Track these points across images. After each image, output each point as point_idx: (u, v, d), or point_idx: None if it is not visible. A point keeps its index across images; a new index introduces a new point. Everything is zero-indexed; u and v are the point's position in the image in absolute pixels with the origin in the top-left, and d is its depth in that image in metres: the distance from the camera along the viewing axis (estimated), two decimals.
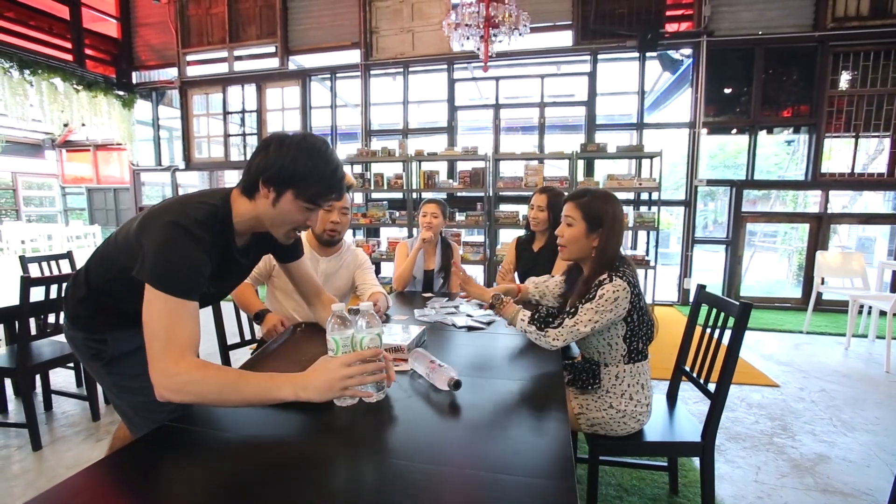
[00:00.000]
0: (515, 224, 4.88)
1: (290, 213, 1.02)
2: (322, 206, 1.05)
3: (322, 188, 1.01)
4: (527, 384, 1.21)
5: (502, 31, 3.84)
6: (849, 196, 5.50)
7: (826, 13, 4.39)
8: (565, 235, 1.44)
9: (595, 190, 1.45)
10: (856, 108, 4.48)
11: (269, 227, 1.05)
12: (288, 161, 0.97)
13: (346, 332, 1.05)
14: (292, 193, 0.99)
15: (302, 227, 1.08)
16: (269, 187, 0.99)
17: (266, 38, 5.82)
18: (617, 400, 1.40)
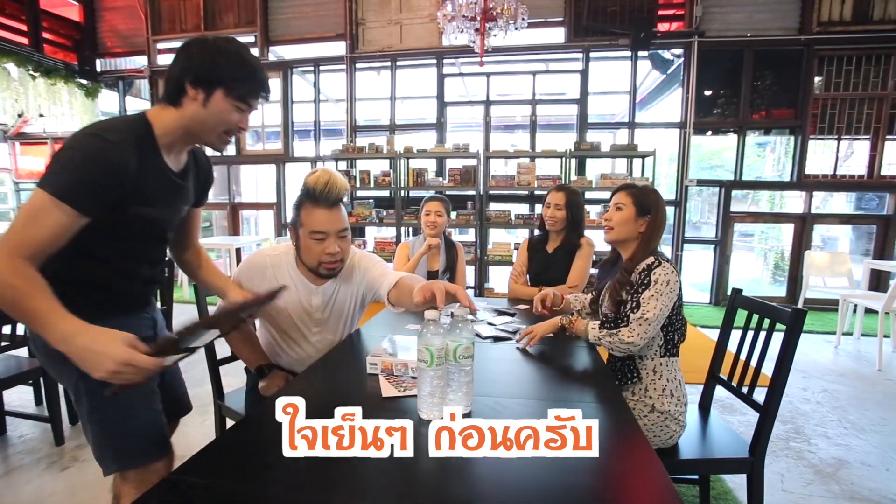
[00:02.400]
0: (507, 223, 4.78)
1: (222, 113, 0.98)
2: (253, 105, 1.02)
3: (252, 86, 0.99)
4: (589, 407, 1.08)
5: (498, 25, 3.72)
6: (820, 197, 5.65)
7: (812, 17, 4.47)
8: (614, 218, 1.47)
9: (643, 185, 1.52)
10: (839, 111, 4.58)
11: (201, 132, 1.00)
12: (214, 59, 0.95)
13: (441, 341, 0.93)
14: (223, 92, 0.96)
15: (235, 130, 1.03)
16: (198, 88, 0.95)
17: (245, 26, 5.51)
18: (658, 399, 1.34)
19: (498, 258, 4.76)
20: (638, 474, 0.81)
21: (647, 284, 1.33)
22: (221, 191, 5.99)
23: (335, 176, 1.31)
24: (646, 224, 1.45)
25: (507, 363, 1.35)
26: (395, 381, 1.15)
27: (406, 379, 1.16)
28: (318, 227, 1.30)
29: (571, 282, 2.08)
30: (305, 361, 1.49)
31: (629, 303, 1.36)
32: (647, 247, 1.42)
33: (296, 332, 1.46)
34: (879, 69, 4.50)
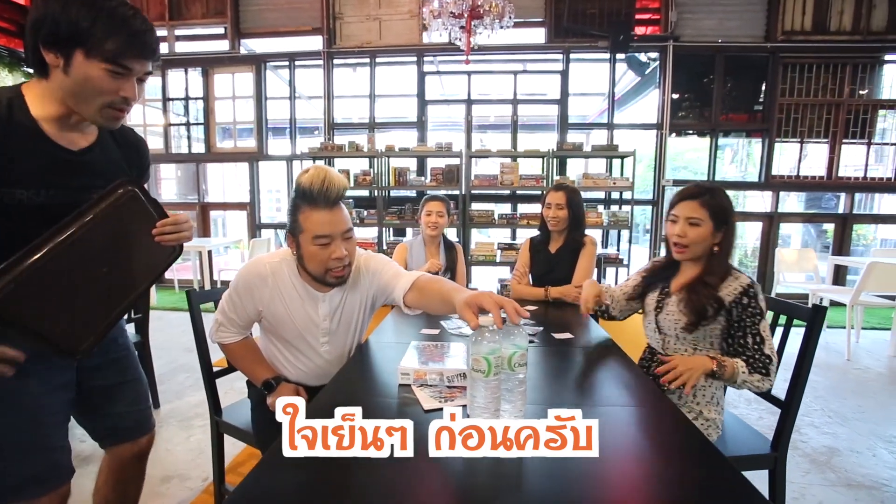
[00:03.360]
0: (490, 223, 4.77)
1: (90, 79, 0.79)
2: (132, 67, 0.82)
3: (122, 40, 0.78)
4: (637, 410, 1.05)
5: (484, 24, 3.69)
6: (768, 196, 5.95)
7: (777, 26, 4.71)
8: (689, 236, 1.31)
9: (707, 184, 1.36)
10: (801, 116, 4.84)
11: (76, 106, 0.83)
12: (64, 10, 0.75)
13: (497, 349, 0.87)
14: (83, 52, 0.77)
15: (120, 102, 0.84)
16: (52, 51, 0.78)
17: (213, 17, 5.23)
18: (706, 406, 1.32)
19: (482, 258, 4.74)
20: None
21: (761, 313, 1.25)
22: (189, 190, 5.68)
23: (331, 173, 1.18)
24: (721, 236, 1.31)
25: (539, 368, 1.31)
26: (431, 390, 1.08)
27: (442, 388, 1.09)
28: (321, 231, 1.16)
29: (577, 281, 2.07)
30: (314, 373, 1.40)
31: (748, 335, 1.25)
32: (723, 261, 1.32)
33: (303, 344, 1.36)
34: (836, 77, 4.79)
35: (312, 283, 1.29)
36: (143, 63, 0.83)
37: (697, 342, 1.35)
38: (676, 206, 1.36)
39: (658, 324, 1.41)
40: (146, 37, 0.82)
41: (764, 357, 1.23)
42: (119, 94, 0.83)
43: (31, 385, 0.91)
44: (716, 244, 1.32)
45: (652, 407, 1.06)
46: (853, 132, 4.83)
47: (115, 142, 1.01)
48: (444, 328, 1.63)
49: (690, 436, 0.92)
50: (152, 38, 0.83)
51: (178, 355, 3.31)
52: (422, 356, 1.22)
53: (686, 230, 1.31)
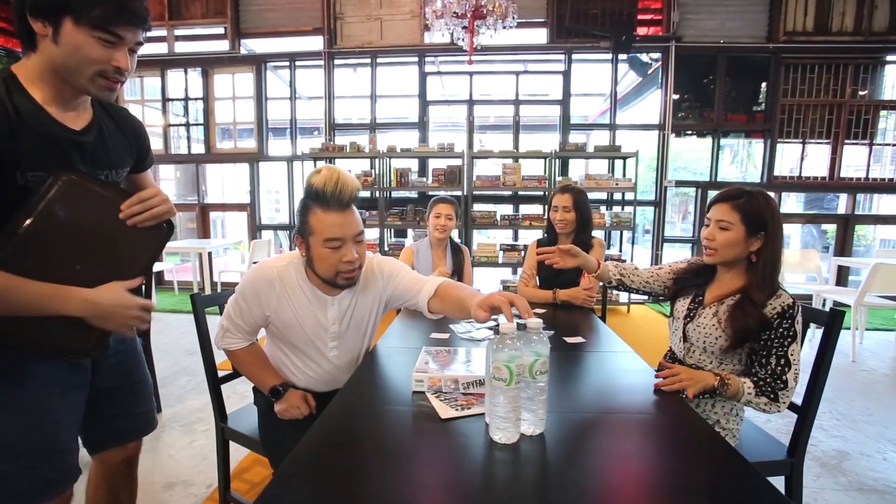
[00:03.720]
0: (493, 224, 4.75)
1: (80, 48, 0.78)
2: (122, 35, 0.80)
3: (108, 8, 0.77)
4: (654, 417, 1.03)
5: (486, 24, 3.67)
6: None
7: (779, 27, 4.70)
8: (717, 239, 1.25)
9: (750, 189, 1.26)
10: (803, 117, 4.84)
11: (68, 77, 0.81)
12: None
13: (518, 356, 0.85)
14: (71, 20, 0.76)
15: (113, 72, 0.82)
16: (41, 20, 0.76)
17: (213, 17, 5.20)
18: (725, 416, 1.29)
19: (484, 259, 4.72)
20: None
21: (793, 336, 1.17)
22: (189, 191, 5.64)
23: (344, 174, 1.15)
24: (760, 243, 1.22)
25: (553, 373, 1.28)
26: (446, 398, 1.06)
27: (457, 395, 1.07)
28: (332, 234, 1.14)
29: (585, 283, 2.05)
30: (323, 379, 1.37)
31: (772, 356, 1.18)
32: (773, 275, 1.21)
33: (311, 349, 1.33)
34: (838, 77, 4.78)
35: (321, 285, 1.27)
36: (134, 31, 0.82)
37: (724, 357, 1.30)
38: (711, 208, 1.30)
39: (686, 332, 1.35)
40: (134, 4, 0.80)
41: (779, 382, 1.17)
42: (111, 64, 0.81)
43: (47, 386, 0.89)
44: (752, 252, 1.24)
45: (672, 414, 1.04)
46: (855, 133, 4.83)
47: (112, 121, 0.99)
48: (454, 332, 1.61)
49: (713, 441, 0.90)
50: (140, 5, 0.82)
51: (179, 358, 3.28)
52: (435, 362, 1.19)
53: (715, 233, 1.26)
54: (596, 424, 0.99)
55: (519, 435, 0.87)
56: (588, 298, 2.03)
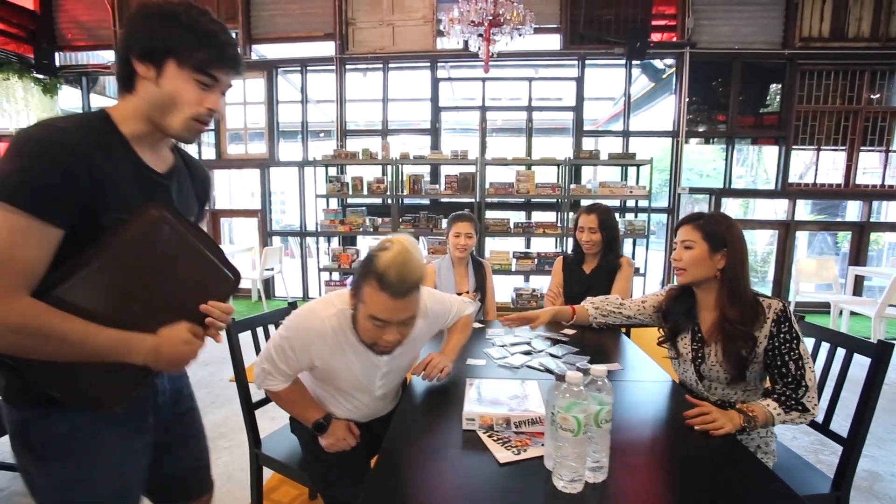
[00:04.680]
0: (506, 232, 4.72)
1: (180, 91, 0.81)
2: (218, 78, 0.84)
3: (211, 51, 0.82)
4: (707, 455, 1.01)
5: (503, 31, 3.65)
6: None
7: (794, 33, 4.66)
8: (684, 259, 1.34)
9: (709, 213, 1.39)
10: (818, 123, 4.80)
11: (161, 119, 0.83)
12: (159, 23, 0.79)
13: (585, 406, 0.84)
14: (175, 62, 0.80)
15: (205, 115, 0.85)
16: (146, 62, 0.80)
17: (225, 22, 5.15)
18: (762, 440, 1.29)
19: (496, 267, 4.70)
20: None
21: (797, 337, 1.22)
22: None
23: (412, 260, 1.06)
24: (724, 259, 1.30)
25: None
26: (499, 438, 1.04)
27: (509, 435, 1.06)
28: (380, 315, 1.08)
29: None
30: (365, 413, 1.38)
31: (789, 362, 1.21)
32: (742, 287, 1.28)
33: (359, 391, 1.32)
34: (854, 84, 4.75)
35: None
36: (229, 74, 0.87)
37: (748, 384, 1.33)
38: (677, 232, 1.40)
39: (700, 373, 1.38)
40: (233, 49, 0.86)
41: (800, 389, 1.19)
42: (205, 106, 0.84)
43: (115, 455, 0.86)
44: (718, 269, 1.31)
45: (722, 451, 1.02)
46: (871, 140, 4.79)
47: (187, 169, 1.00)
48: (490, 357, 1.60)
49: (770, 483, 0.89)
50: (237, 51, 0.88)
51: (196, 370, 3.27)
52: (482, 397, 1.18)
53: (681, 253, 1.35)
54: (654, 467, 0.98)
55: (584, 484, 0.86)
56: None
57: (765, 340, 1.25)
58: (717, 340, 1.31)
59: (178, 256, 0.86)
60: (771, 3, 4.68)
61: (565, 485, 0.85)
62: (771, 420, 1.17)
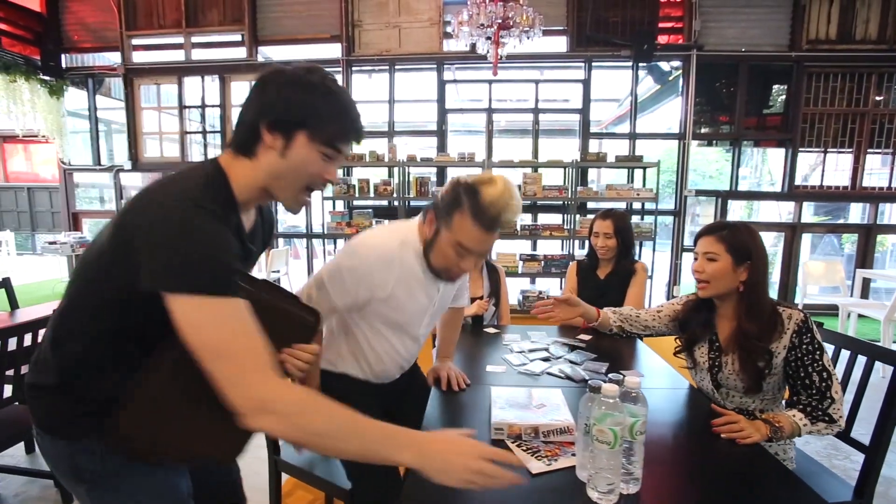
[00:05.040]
0: (513, 234, 4.72)
1: (305, 163, 0.79)
2: (343, 151, 0.83)
3: (341, 127, 0.80)
4: (733, 461, 1.01)
5: (511, 34, 3.65)
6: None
7: (801, 35, 4.66)
8: (707, 271, 1.31)
9: (732, 222, 1.35)
10: (825, 126, 4.80)
11: (277, 189, 0.81)
12: (295, 94, 0.76)
13: (621, 419, 0.84)
14: (306, 136, 0.77)
15: (319, 185, 0.84)
16: (276, 132, 0.76)
17: (230, 24, 5.19)
18: (782, 448, 1.29)
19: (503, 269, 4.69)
20: None
21: (820, 347, 1.21)
22: None
23: (515, 201, 1.08)
24: (747, 272, 1.27)
25: None
26: (528, 447, 1.05)
27: (538, 444, 1.06)
28: (467, 244, 1.10)
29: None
30: (401, 362, 1.38)
31: (813, 374, 1.20)
32: (762, 300, 1.26)
33: (413, 327, 1.31)
34: (861, 86, 4.75)
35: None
36: (350, 147, 0.85)
37: (766, 393, 1.32)
38: (697, 242, 1.37)
39: (717, 381, 1.37)
40: (360, 121, 0.84)
41: (826, 400, 1.19)
42: (324, 177, 0.82)
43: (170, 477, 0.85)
44: (741, 282, 1.28)
45: (748, 458, 1.02)
46: (878, 142, 4.79)
47: (261, 219, 0.96)
48: (510, 363, 1.60)
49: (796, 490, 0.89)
50: (362, 122, 0.85)
51: None
52: (509, 406, 1.18)
53: (704, 265, 1.32)
54: (684, 476, 0.98)
55: (619, 496, 0.86)
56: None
57: (783, 351, 1.24)
58: (734, 351, 1.31)
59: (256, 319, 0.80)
60: (778, 6, 4.68)
61: (600, 496, 0.85)
62: (797, 431, 1.17)
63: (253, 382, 0.68)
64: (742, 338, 1.27)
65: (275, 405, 0.68)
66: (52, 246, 5.20)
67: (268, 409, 0.68)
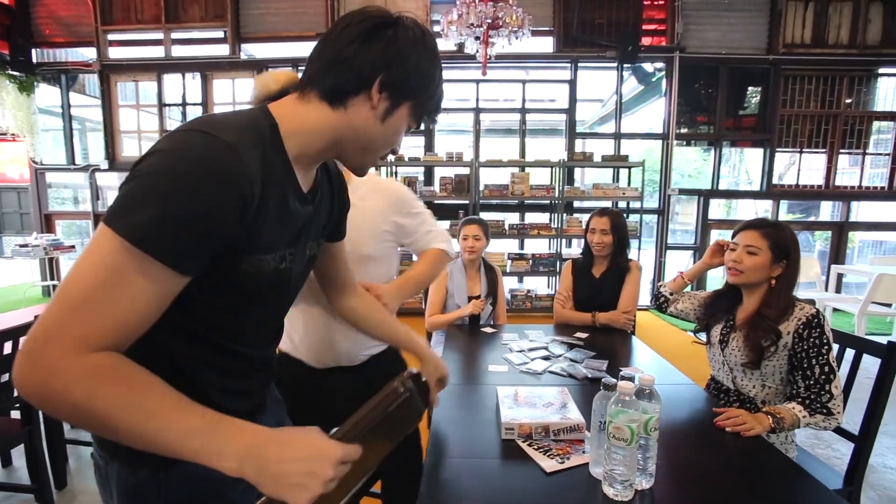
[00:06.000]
0: (501, 233, 4.75)
1: (397, 133, 0.71)
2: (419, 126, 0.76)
3: (436, 107, 0.74)
4: (739, 454, 1.04)
5: (501, 34, 3.67)
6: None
7: (778, 39, 4.81)
8: (745, 263, 1.36)
9: (776, 221, 1.41)
10: (800, 126, 4.97)
11: (357, 150, 0.70)
12: (425, 62, 0.66)
13: (637, 416, 0.84)
14: (409, 107, 0.69)
15: (389, 153, 0.75)
16: (386, 93, 0.65)
17: (212, 20, 5.06)
18: (783, 445, 1.32)
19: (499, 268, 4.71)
20: None
21: (829, 345, 1.25)
22: None
23: None
24: (781, 269, 1.34)
25: None
26: (538, 446, 1.06)
27: (549, 443, 1.07)
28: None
29: (624, 307, 2.07)
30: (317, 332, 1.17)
31: (815, 366, 1.24)
32: (788, 295, 1.32)
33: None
34: (834, 89, 4.93)
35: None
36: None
37: (766, 378, 1.36)
38: (739, 234, 1.42)
39: (725, 357, 1.43)
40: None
41: (824, 394, 1.23)
42: (396, 149, 0.75)
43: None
44: (773, 277, 1.35)
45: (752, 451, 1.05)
46: (849, 143, 4.99)
47: (329, 183, 0.82)
48: (511, 363, 1.61)
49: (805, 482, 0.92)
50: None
51: None
52: (517, 406, 1.19)
53: (743, 257, 1.37)
54: (694, 469, 1.00)
55: (634, 491, 0.88)
56: (627, 321, 2.05)
57: (789, 338, 1.28)
58: (743, 329, 1.37)
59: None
60: (756, 10, 4.83)
61: (616, 492, 0.87)
62: (797, 422, 1.21)
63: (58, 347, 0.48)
64: (756, 317, 1.33)
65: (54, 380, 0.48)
66: (24, 249, 5.00)
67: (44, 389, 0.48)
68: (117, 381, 0.50)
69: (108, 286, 0.50)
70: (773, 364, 1.32)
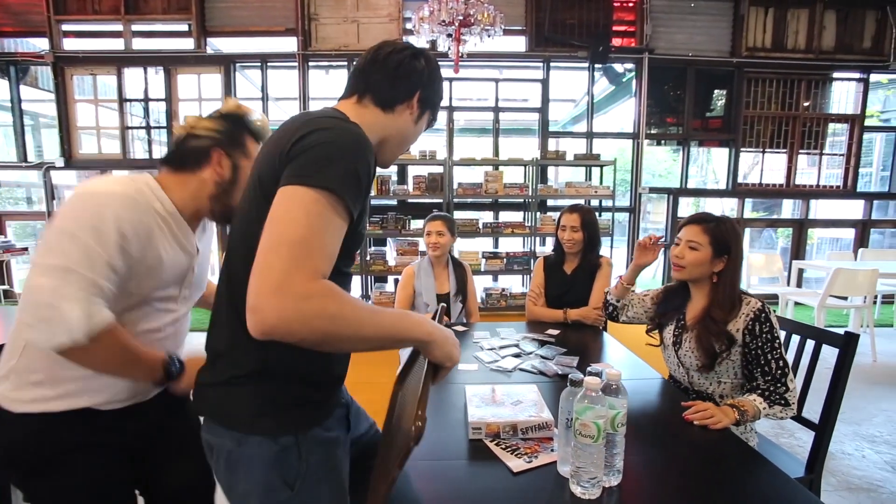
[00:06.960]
0: (475, 232, 4.74)
1: (419, 133, 0.93)
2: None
3: (436, 118, 0.97)
4: (706, 447, 1.04)
5: (472, 32, 3.65)
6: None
7: (741, 42, 4.98)
8: (686, 258, 1.38)
9: (720, 216, 1.41)
10: (763, 127, 5.15)
11: (394, 146, 0.90)
12: (440, 83, 0.92)
13: (603, 412, 0.84)
14: (429, 114, 0.92)
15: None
16: (420, 104, 0.88)
17: (176, 13, 4.87)
18: (744, 435, 1.34)
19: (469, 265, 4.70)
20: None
21: (778, 337, 1.28)
22: None
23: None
24: (723, 265, 1.36)
25: None
26: (506, 445, 1.03)
27: (517, 442, 1.05)
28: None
29: (595, 303, 2.08)
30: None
31: (771, 362, 1.26)
32: (733, 291, 1.34)
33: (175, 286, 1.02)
34: (793, 91, 5.13)
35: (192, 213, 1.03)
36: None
37: (721, 376, 1.38)
38: (683, 228, 1.44)
39: (679, 359, 1.44)
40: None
41: (781, 386, 1.27)
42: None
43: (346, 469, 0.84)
44: (715, 272, 1.37)
45: (717, 442, 1.06)
46: (808, 143, 5.20)
47: None
48: (482, 361, 1.58)
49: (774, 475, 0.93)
50: None
51: None
52: (484, 405, 1.16)
53: (685, 252, 1.39)
54: (662, 464, 1.00)
55: (601, 489, 0.86)
56: (599, 317, 2.05)
57: (739, 336, 1.31)
58: (694, 329, 1.38)
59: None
60: (720, 15, 4.98)
61: (584, 490, 0.85)
62: (758, 414, 1.23)
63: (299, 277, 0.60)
64: (707, 320, 1.34)
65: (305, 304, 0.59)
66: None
67: (298, 314, 0.59)
68: (345, 293, 0.64)
69: (320, 226, 0.63)
70: (727, 363, 1.34)
